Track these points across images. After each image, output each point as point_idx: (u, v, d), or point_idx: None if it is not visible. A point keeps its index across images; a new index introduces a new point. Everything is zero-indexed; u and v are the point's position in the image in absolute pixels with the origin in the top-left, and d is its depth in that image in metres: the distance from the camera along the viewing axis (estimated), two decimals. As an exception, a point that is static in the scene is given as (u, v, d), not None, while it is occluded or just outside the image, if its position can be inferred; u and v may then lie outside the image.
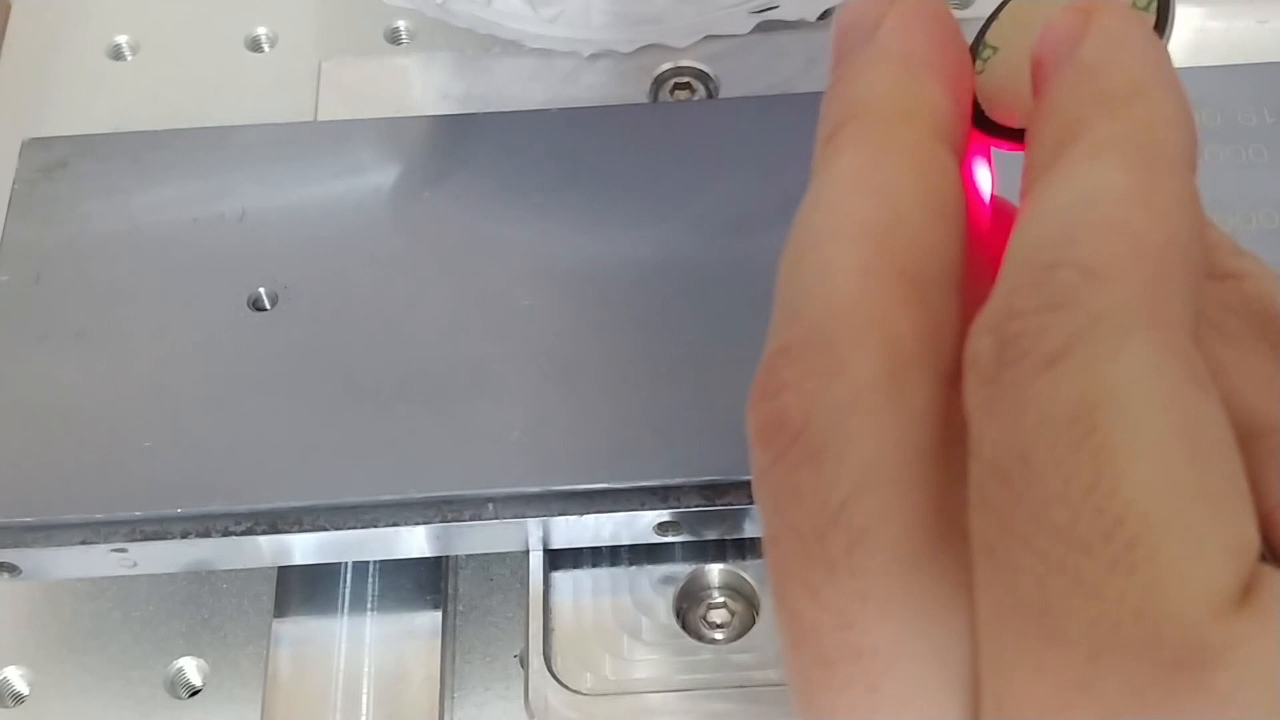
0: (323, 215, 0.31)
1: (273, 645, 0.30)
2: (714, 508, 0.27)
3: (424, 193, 0.32)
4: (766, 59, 0.35)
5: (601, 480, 0.28)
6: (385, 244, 0.31)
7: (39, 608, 0.31)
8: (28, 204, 0.32)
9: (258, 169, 0.32)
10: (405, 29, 0.39)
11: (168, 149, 0.32)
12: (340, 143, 0.32)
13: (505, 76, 0.36)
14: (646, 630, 0.29)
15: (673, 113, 0.34)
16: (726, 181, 0.31)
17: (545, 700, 0.28)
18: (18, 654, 0.30)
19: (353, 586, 0.30)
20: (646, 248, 0.30)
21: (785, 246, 0.16)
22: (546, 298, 0.30)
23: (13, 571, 0.28)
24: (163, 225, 0.31)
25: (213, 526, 0.28)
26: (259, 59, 0.39)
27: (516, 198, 0.31)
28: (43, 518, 0.28)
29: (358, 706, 0.29)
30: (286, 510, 0.28)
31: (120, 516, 0.28)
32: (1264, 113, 0.31)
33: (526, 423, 0.28)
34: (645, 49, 0.36)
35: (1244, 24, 0.35)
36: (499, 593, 0.31)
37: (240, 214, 0.31)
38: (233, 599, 0.31)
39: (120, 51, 0.39)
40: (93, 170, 0.32)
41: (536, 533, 0.28)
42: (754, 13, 0.35)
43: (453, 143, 0.32)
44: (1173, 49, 0.18)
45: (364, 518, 0.28)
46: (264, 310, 0.30)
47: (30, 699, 0.30)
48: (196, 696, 0.30)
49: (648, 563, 0.30)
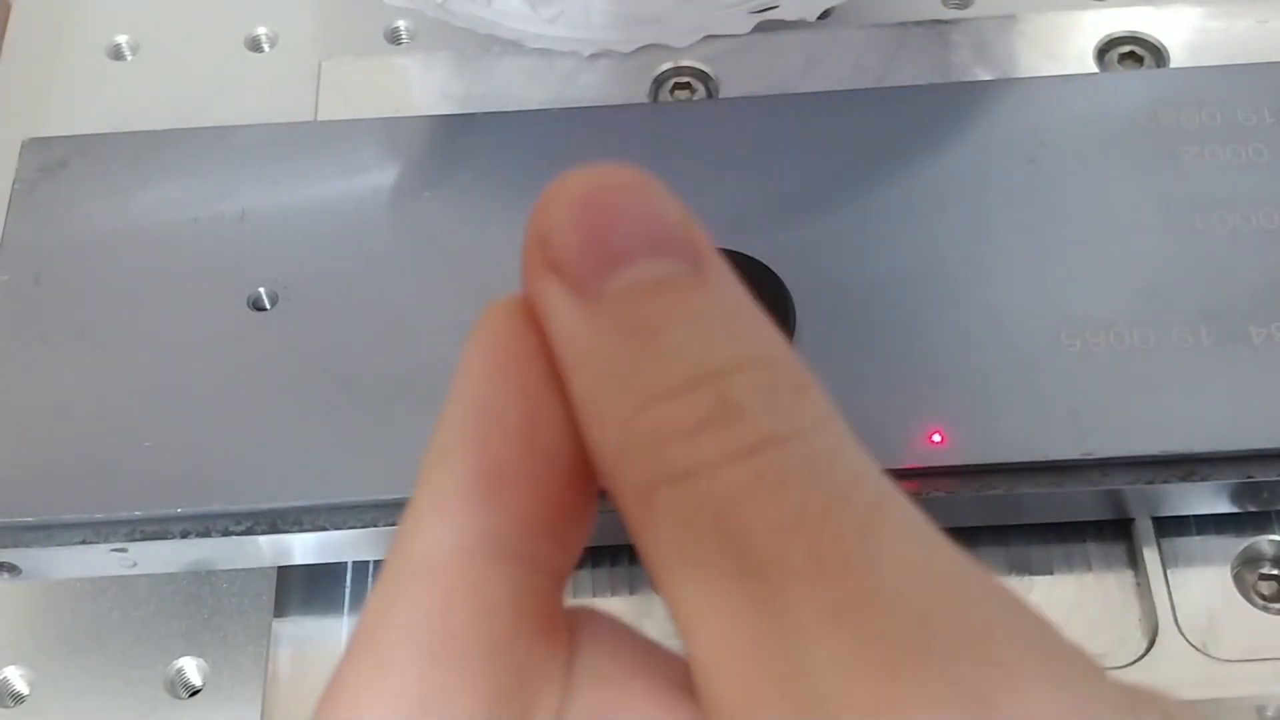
0: (323, 215, 0.31)
1: (273, 645, 0.30)
2: (714, 508, 0.27)
3: (424, 193, 0.32)
4: (766, 59, 0.35)
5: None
6: (385, 244, 0.31)
7: (39, 608, 0.31)
8: (28, 204, 0.32)
9: (258, 169, 0.32)
10: (405, 29, 0.39)
11: (168, 149, 0.32)
12: (340, 143, 0.32)
13: (505, 76, 0.36)
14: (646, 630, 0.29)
15: (673, 113, 0.34)
16: (726, 181, 0.31)
17: (545, 700, 0.28)
18: (18, 654, 0.30)
19: (353, 586, 0.30)
20: (646, 248, 0.30)
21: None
22: (546, 298, 0.30)
23: (13, 571, 0.28)
24: (163, 225, 0.31)
25: (213, 526, 0.28)
26: (259, 59, 0.39)
27: (516, 198, 0.31)
28: (43, 518, 0.28)
29: (358, 706, 0.29)
30: (286, 510, 0.28)
31: (120, 516, 0.28)
32: (1264, 113, 0.31)
33: (526, 423, 0.28)
34: (645, 49, 0.36)
35: (1244, 24, 0.35)
36: (499, 593, 0.31)
37: (240, 214, 0.31)
38: (233, 599, 0.31)
39: (120, 51, 0.39)
40: (93, 170, 0.32)
41: (536, 533, 0.28)
42: (754, 13, 0.35)
43: (453, 143, 0.32)
44: (1173, 49, 0.18)
45: (364, 518, 0.28)
46: (264, 310, 0.30)
47: (30, 699, 0.30)
48: (196, 696, 0.30)
49: (648, 563, 0.30)
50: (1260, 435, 0.27)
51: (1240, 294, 0.29)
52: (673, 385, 0.14)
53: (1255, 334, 0.28)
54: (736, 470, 0.14)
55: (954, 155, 0.31)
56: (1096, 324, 0.29)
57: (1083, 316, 0.29)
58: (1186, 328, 0.28)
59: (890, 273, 0.30)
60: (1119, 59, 0.35)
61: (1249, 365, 0.28)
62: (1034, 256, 0.30)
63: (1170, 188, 0.30)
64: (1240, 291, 0.29)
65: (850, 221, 0.30)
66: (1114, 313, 0.29)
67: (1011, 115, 0.32)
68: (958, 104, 0.32)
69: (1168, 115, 0.31)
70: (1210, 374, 0.28)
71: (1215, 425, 0.27)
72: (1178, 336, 0.28)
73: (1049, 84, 0.33)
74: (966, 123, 0.32)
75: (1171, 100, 0.32)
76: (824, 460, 0.14)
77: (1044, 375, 0.28)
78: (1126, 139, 0.31)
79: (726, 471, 0.14)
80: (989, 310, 0.29)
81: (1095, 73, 0.35)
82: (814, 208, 0.31)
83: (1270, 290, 0.29)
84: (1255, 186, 0.30)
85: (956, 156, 0.31)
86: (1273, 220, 0.30)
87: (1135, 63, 0.35)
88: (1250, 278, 0.29)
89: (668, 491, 0.14)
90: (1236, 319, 0.29)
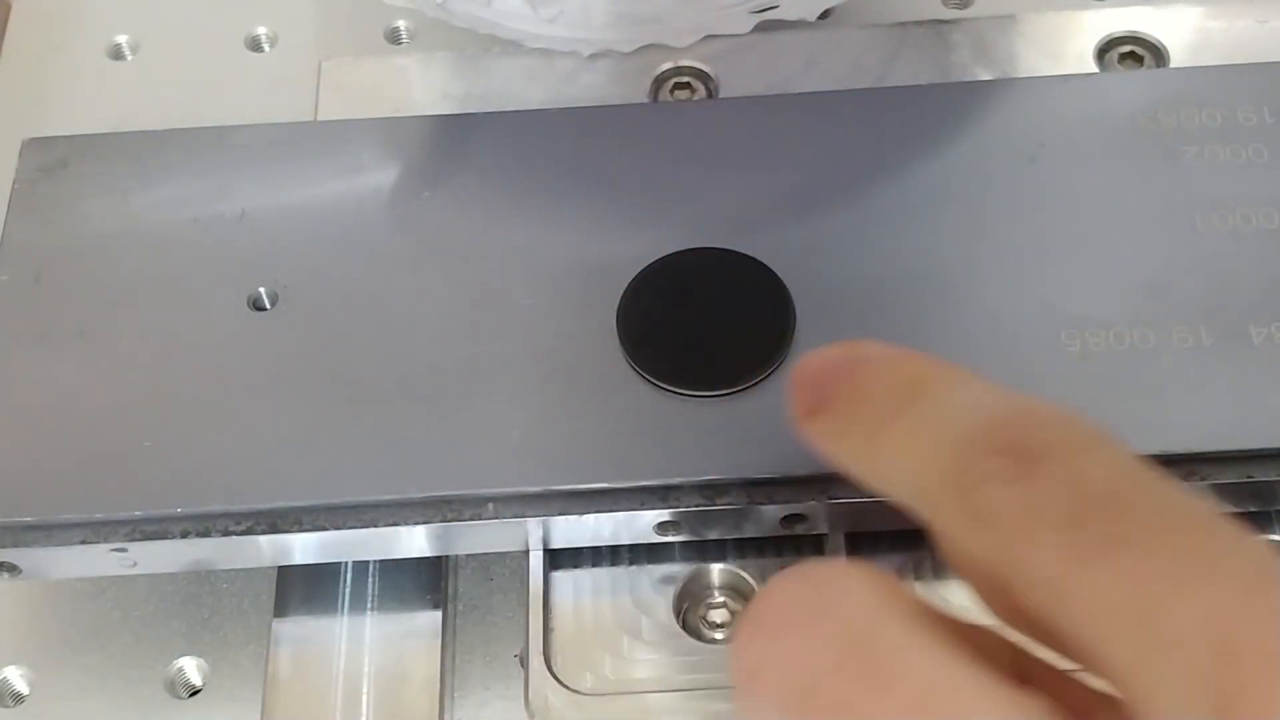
0: (323, 215, 0.31)
1: (273, 645, 0.30)
2: (714, 508, 0.27)
3: (424, 193, 0.32)
4: (766, 59, 0.35)
5: (601, 480, 0.28)
6: (385, 244, 0.31)
7: (39, 608, 0.31)
8: (28, 204, 0.32)
9: (258, 169, 0.32)
10: (405, 29, 0.39)
11: (168, 149, 0.32)
12: (340, 143, 0.32)
13: (505, 76, 0.36)
14: (646, 630, 0.29)
15: (673, 113, 0.34)
16: (726, 181, 0.31)
17: (545, 700, 0.28)
18: (18, 654, 0.30)
19: (353, 586, 0.30)
20: (646, 247, 0.30)
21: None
22: (546, 298, 0.30)
23: (13, 571, 0.28)
24: (163, 225, 0.31)
25: (213, 526, 0.28)
26: (259, 59, 0.39)
27: (516, 198, 0.31)
28: (43, 518, 0.28)
29: (358, 706, 0.29)
30: (286, 510, 0.28)
31: (120, 516, 0.28)
32: (1264, 113, 0.31)
33: (526, 423, 0.28)
34: (645, 49, 0.36)
35: (1244, 24, 0.35)
36: (499, 593, 0.31)
37: (240, 214, 0.31)
38: (233, 599, 0.31)
39: (120, 51, 0.39)
40: (93, 170, 0.32)
41: (536, 532, 0.28)
42: (754, 13, 0.35)
43: (453, 143, 0.32)
44: (1173, 49, 0.18)
45: (364, 518, 0.28)
46: (264, 310, 0.30)
47: (30, 699, 0.30)
48: (196, 696, 0.30)
49: (648, 563, 0.30)
50: (1260, 435, 0.27)
51: (1240, 294, 0.29)
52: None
53: (1255, 334, 0.28)
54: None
55: (954, 155, 0.31)
56: (1096, 324, 0.29)
57: (1083, 316, 0.29)
58: (1186, 328, 0.28)
59: (890, 273, 0.30)
60: (1119, 59, 0.35)
61: (1249, 365, 0.28)
62: (1034, 256, 0.30)
63: (1170, 188, 0.30)
64: (1240, 291, 0.29)
65: (850, 221, 0.30)
66: (1114, 313, 0.29)
67: (1011, 115, 0.32)
68: (958, 104, 0.32)
69: (1168, 115, 0.31)
70: (1210, 374, 0.28)
71: (1215, 425, 0.27)
72: (1178, 336, 0.28)
73: (1049, 84, 0.33)
74: (966, 123, 0.32)
75: (1171, 100, 0.32)
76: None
77: (1044, 375, 0.28)
78: (1126, 139, 0.31)
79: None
80: (989, 310, 0.29)
81: (1095, 73, 0.35)
82: (814, 208, 0.31)
83: (1270, 290, 0.29)
84: (1255, 186, 0.30)
85: (956, 156, 0.31)
86: (1273, 220, 0.30)
87: (1135, 63, 0.35)
88: (1250, 278, 0.29)
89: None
90: (1236, 319, 0.29)
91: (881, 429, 0.20)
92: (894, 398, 0.20)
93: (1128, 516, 0.16)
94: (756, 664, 0.17)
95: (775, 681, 0.17)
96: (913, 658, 0.16)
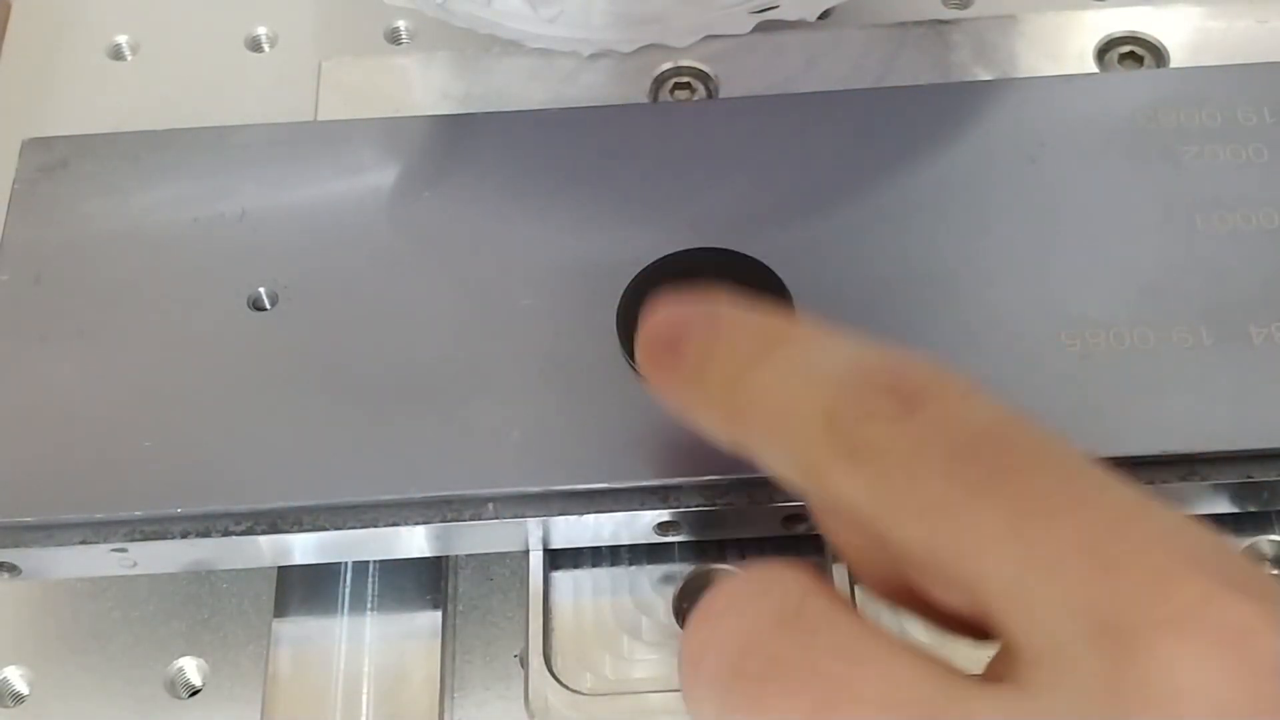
0: (323, 215, 0.31)
1: (273, 645, 0.30)
2: (714, 508, 0.27)
3: (424, 193, 0.32)
4: (766, 59, 0.35)
5: (601, 480, 0.28)
6: (385, 244, 0.31)
7: (39, 608, 0.31)
8: (28, 204, 0.32)
9: (258, 169, 0.32)
10: (405, 29, 0.39)
11: (168, 149, 0.32)
12: (340, 143, 0.32)
13: (505, 76, 0.36)
14: (646, 630, 0.29)
15: (673, 113, 0.34)
16: (726, 181, 0.31)
17: (545, 700, 0.28)
18: (18, 654, 0.30)
19: (353, 586, 0.30)
20: (646, 247, 0.30)
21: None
22: (546, 298, 0.30)
23: (13, 571, 0.28)
24: (163, 225, 0.31)
25: (213, 526, 0.28)
26: (259, 59, 0.39)
27: (516, 198, 0.31)
28: (43, 518, 0.28)
29: (358, 706, 0.29)
30: (286, 510, 0.28)
31: (120, 516, 0.28)
32: (1264, 113, 0.31)
33: (526, 423, 0.28)
34: (645, 49, 0.36)
35: (1244, 24, 0.35)
36: (499, 593, 0.31)
37: (240, 214, 0.31)
38: (233, 599, 0.31)
39: (120, 51, 0.39)
40: (93, 170, 0.32)
41: (536, 533, 0.28)
42: (754, 13, 0.35)
43: (453, 143, 0.32)
44: (1173, 49, 0.18)
45: (364, 518, 0.28)
46: (264, 310, 0.30)
47: (30, 699, 0.30)
48: (196, 696, 0.30)
49: (648, 563, 0.30)
50: (1260, 435, 0.27)
51: (1240, 294, 0.29)
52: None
53: (1255, 334, 0.28)
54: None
55: (954, 155, 0.31)
56: (1096, 324, 0.29)
57: (1083, 316, 0.29)
58: (1186, 328, 0.28)
59: (890, 273, 0.30)
60: (1119, 59, 0.35)
61: (1249, 365, 0.28)
62: (1034, 256, 0.30)
63: (1170, 188, 0.30)
64: (1240, 291, 0.29)
65: (850, 221, 0.30)
66: (1114, 313, 0.29)
67: (1012, 115, 0.32)
68: (958, 104, 0.32)
69: (1168, 115, 0.31)
70: (1210, 374, 0.28)
71: (1215, 425, 0.27)
72: (1178, 336, 0.28)
73: (1049, 84, 0.33)
74: (967, 123, 0.32)
75: (1171, 100, 0.32)
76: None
77: (1044, 375, 0.28)
78: (1126, 139, 0.31)
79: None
80: (989, 310, 0.29)
81: (1095, 73, 0.35)
82: (814, 208, 0.31)
83: (1270, 290, 0.29)
84: (1255, 186, 0.30)
85: (957, 156, 0.31)
86: (1273, 220, 0.30)
87: (1135, 63, 0.35)
88: (1250, 278, 0.29)
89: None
90: (1236, 319, 0.29)
91: (745, 372, 0.20)
92: (758, 343, 0.20)
93: (1012, 452, 0.17)
94: (700, 649, 0.18)
95: (715, 659, 0.18)
96: (838, 618, 0.18)
